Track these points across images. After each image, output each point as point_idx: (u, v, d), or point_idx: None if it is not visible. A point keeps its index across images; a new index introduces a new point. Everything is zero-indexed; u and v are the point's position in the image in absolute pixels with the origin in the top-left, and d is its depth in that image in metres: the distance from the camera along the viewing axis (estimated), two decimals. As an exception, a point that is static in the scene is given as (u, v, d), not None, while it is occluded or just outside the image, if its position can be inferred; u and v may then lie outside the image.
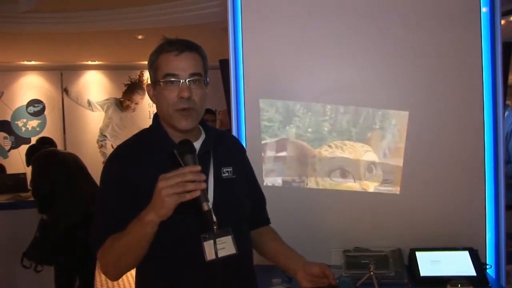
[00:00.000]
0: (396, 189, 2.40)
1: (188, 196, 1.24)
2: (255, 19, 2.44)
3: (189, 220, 1.39)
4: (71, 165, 4.15)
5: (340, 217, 2.44)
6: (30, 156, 4.38)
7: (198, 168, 1.27)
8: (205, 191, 1.29)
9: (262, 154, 2.46)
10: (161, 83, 1.45)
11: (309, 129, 2.43)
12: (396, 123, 2.38)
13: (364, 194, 2.42)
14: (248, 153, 1.77)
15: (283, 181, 2.46)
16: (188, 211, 1.31)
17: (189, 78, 1.43)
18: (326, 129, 2.42)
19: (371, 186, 2.42)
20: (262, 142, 2.46)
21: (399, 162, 2.39)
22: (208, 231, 1.34)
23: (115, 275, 1.47)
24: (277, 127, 2.44)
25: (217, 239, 1.38)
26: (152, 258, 1.41)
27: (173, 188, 1.23)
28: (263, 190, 1.78)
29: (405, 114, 2.38)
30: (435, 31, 2.36)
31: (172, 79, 1.43)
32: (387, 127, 2.39)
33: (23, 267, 4.00)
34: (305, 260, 1.58)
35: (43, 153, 4.22)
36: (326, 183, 2.43)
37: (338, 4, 2.41)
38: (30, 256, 4.01)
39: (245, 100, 2.46)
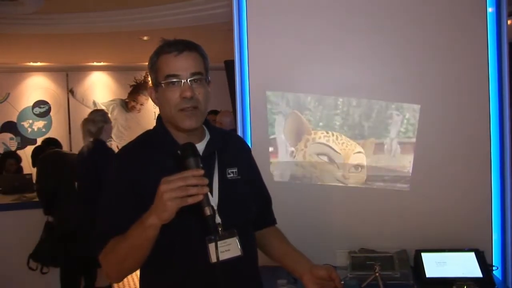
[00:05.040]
0: (404, 187, 2.39)
1: (190, 200, 1.23)
2: (261, 18, 2.44)
3: (192, 223, 1.38)
4: (76, 166, 4.16)
5: (345, 218, 2.44)
6: (36, 157, 4.40)
7: (201, 172, 1.26)
8: (207, 195, 1.28)
9: (270, 149, 2.47)
10: (163, 85, 1.44)
11: (320, 123, 2.43)
12: (409, 117, 2.38)
13: (370, 194, 2.42)
14: (253, 149, 1.76)
15: (290, 176, 2.46)
16: (191, 214, 1.31)
17: (190, 77, 1.43)
18: (337, 123, 2.42)
19: (353, 179, 2.42)
20: (270, 136, 2.46)
21: (409, 160, 2.39)
22: (214, 232, 1.34)
23: (117, 277, 1.46)
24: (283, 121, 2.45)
25: (222, 241, 1.38)
26: (155, 261, 1.41)
27: (175, 192, 1.22)
28: (269, 187, 1.77)
29: (417, 108, 2.37)
30: (442, 30, 2.36)
31: (174, 80, 1.42)
32: (400, 121, 2.39)
33: (30, 269, 4.02)
34: (312, 263, 1.57)
35: (48, 154, 4.24)
36: (312, 159, 2.44)
37: (347, 1, 2.42)
38: (37, 258, 4.02)
39: (250, 94, 2.46)
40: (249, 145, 2.32)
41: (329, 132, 2.42)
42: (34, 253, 4.03)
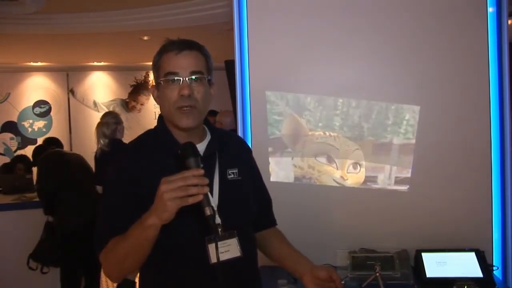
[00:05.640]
0: (404, 188, 2.39)
1: (191, 200, 1.23)
2: (261, 19, 2.45)
3: (192, 223, 1.38)
4: (76, 166, 4.15)
5: (346, 218, 2.44)
6: (37, 156, 4.39)
7: (201, 172, 1.26)
8: (208, 195, 1.28)
9: (270, 149, 2.46)
10: (162, 82, 1.45)
11: (320, 124, 2.43)
12: (409, 118, 2.38)
13: (370, 194, 2.42)
14: (253, 149, 1.76)
15: (290, 177, 2.46)
16: (191, 214, 1.31)
17: (189, 76, 1.43)
18: (337, 123, 2.42)
19: (352, 180, 2.42)
20: (270, 137, 2.46)
21: (409, 161, 2.38)
22: (214, 233, 1.34)
23: (117, 277, 1.46)
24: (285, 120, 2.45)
25: (222, 242, 1.37)
26: (155, 261, 1.41)
27: (175, 192, 1.21)
28: (269, 187, 1.77)
29: (416, 109, 2.37)
30: (443, 30, 2.36)
31: (173, 78, 1.43)
32: (399, 122, 2.39)
33: (30, 269, 4.01)
34: (312, 264, 1.57)
35: (49, 153, 4.23)
36: (310, 160, 2.44)
37: (347, 2, 2.42)
38: (36, 258, 4.02)
39: (250, 94, 2.46)
40: (249, 145, 2.32)
41: (327, 132, 2.42)
42: (34, 253, 4.02)
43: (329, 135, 2.42)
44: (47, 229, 4.05)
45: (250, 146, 1.91)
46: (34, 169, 4.73)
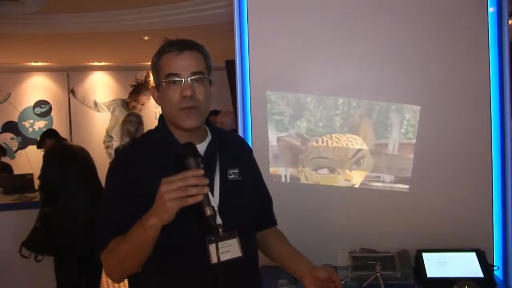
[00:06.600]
0: (404, 188, 2.39)
1: (191, 201, 1.23)
2: (262, 19, 2.45)
3: (192, 224, 1.38)
4: (83, 162, 4.14)
5: (346, 218, 2.44)
6: (45, 137, 4.37)
7: (201, 172, 1.26)
8: (208, 196, 1.29)
9: (270, 148, 2.46)
10: (164, 84, 1.44)
11: (320, 124, 2.43)
12: (409, 118, 2.37)
13: (371, 194, 2.42)
14: (254, 149, 1.76)
15: (290, 177, 2.46)
16: (192, 215, 1.31)
17: (191, 76, 1.43)
18: (337, 123, 2.42)
19: (356, 176, 2.42)
20: (269, 136, 2.46)
21: (409, 161, 2.38)
22: (214, 233, 1.34)
23: (118, 277, 1.47)
24: (287, 120, 2.45)
25: (222, 242, 1.37)
26: (156, 261, 1.40)
27: (175, 193, 1.21)
28: (270, 187, 1.77)
29: (417, 109, 2.37)
30: (443, 30, 2.36)
31: (174, 79, 1.43)
32: (400, 122, 2.39)
33: (22, 257, 3.98)
34: (312, 265, 1.57)
35: (57, 146, 4.20)
36: (313, 177, 2.44)
37: (347, 2, 2.42)
38: (29, 246, 3.98)
39: (251, 94, 2.46)
40: (249, 145, 2.32)
41: (318, 141, 2.42)
42: (27, 241, 3.98)
43: (321, 141, 2.42)
44: (42, 217, 4.01)
45: (250, 146, 1.91)
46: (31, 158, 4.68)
